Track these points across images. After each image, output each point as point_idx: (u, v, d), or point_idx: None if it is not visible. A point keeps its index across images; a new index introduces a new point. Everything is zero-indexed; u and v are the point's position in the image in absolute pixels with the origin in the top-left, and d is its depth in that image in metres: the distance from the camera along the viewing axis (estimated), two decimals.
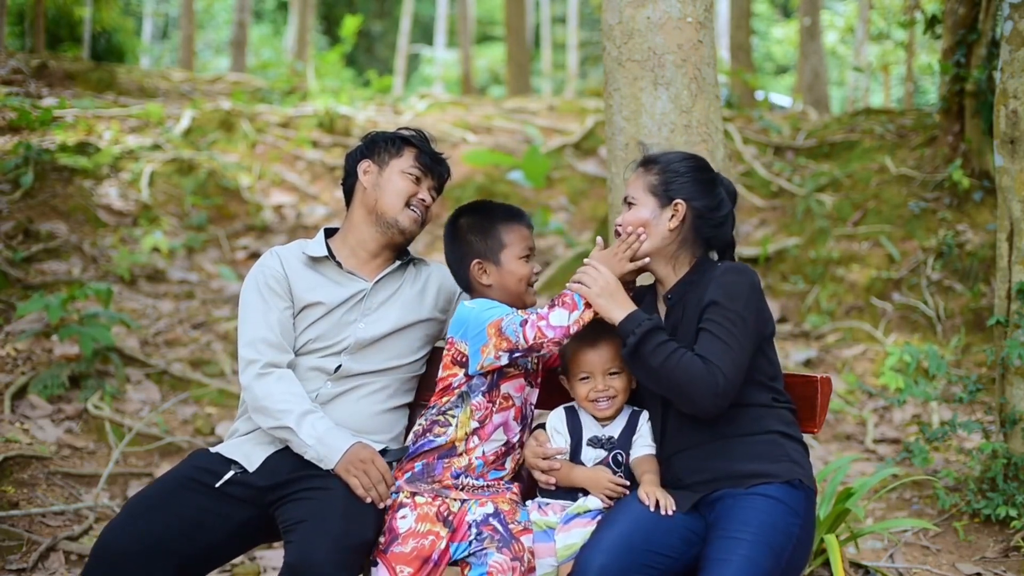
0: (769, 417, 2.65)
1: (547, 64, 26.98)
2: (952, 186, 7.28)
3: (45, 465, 4.57)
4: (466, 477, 2.71)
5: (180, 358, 6.09)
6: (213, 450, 2.84)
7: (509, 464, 2.79)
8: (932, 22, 7.42)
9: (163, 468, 4.83)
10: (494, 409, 2.71)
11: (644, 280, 2.92)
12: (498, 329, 2.63)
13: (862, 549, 4.08)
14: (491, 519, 2.65)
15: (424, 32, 28.84)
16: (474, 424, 2.70)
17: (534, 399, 2.82)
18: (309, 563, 2.48)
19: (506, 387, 2.72)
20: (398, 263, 2.99)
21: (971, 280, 6.64)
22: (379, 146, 2.99)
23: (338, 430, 2.74)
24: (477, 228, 2.81)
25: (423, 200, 2.95)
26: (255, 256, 7.85)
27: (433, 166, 2.99)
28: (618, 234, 2.79)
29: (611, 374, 2.71)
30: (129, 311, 6.56)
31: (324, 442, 2.69)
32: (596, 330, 2.71)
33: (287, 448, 2.77)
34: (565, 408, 2.80)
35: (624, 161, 3.62)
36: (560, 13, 29.11)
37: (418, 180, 2.95)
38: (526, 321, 2.61)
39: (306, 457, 2.71)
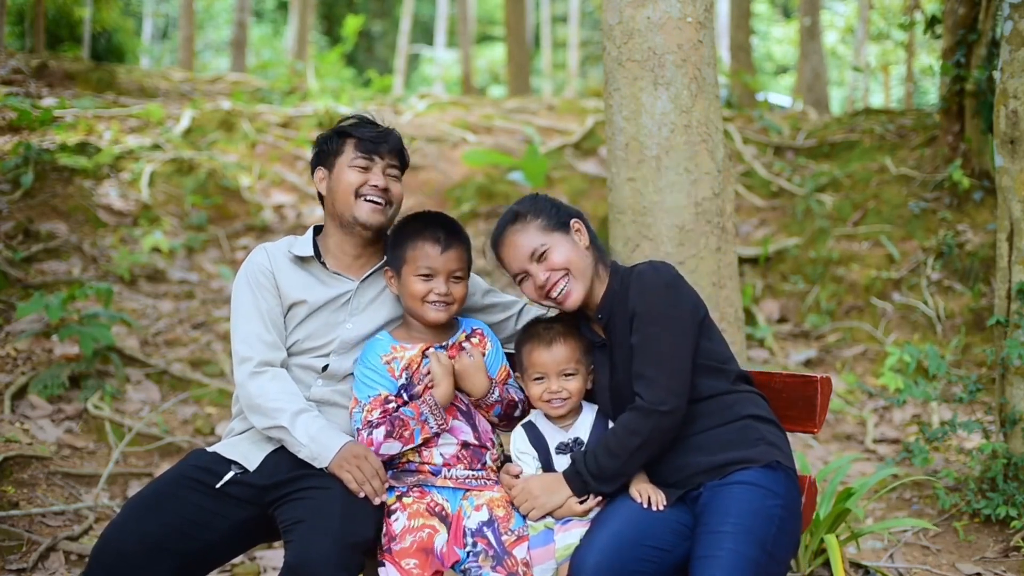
0: (738, 403, 2.66)
1: (547, 64, 26.97)
2: (952, 186, 7.27)
3: (45, 465, 4.57)
4: (444, 470, 2.73)
5: (180, 358, 6.09)
6: (210, 449, 2.84)
7: (489, 461, 2.79)
8: (932, 22, 7.42)
9: (163, 468, 4.82)
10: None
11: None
12: (352, 406, 2.77)
13: (862, 549, 4.08)
14: (485, 529, 2.64)
15: (424, 32, 28.83)
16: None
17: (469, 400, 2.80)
18: (308, 562, 2.47)
19: None
20: (384, 259, 2.95)
21: (971, 280, 6.63)
22: (324, 150, 2.94)
23: (332, 429, 2.73)
24: (394, 237, 2.85)
25: (375, 185, 2.86)
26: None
27: (377, 147, 2.88)
28: (545, 291, 2.73)
29: (566, 375, 2.71)
30: (129, 311, 6.56)
31: (318, 440, 2.69)
32: (551, 331, 2.73)
33: (284, 447, 2.78)
34: (523, 426, 2.78)
35: (624, 161, 3.62)
36: (560, 12, 29.11)
37: (365, 168, 2.87)
38: (360, 431, 2.71)
39: (300, 456, 2.71)
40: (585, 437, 2.71)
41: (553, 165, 9.87)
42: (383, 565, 2.62)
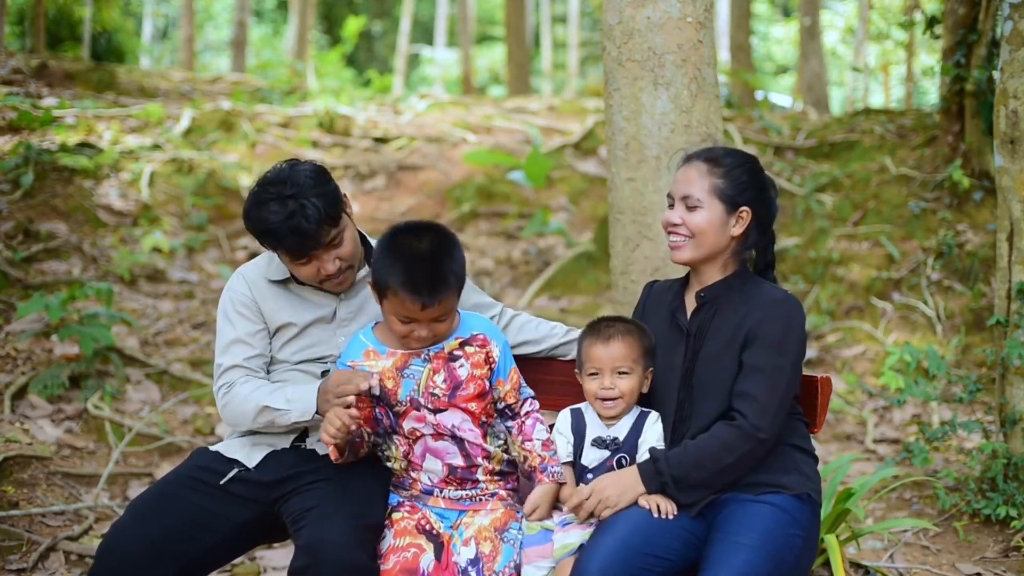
0: (785, 431, 2.66)
1: (547, 64, 26.97)
2: (952, 186, 7.27)
3: (45, 465, 4.57)
4: (436, 490, 2.70)
5: (180, 358, 6.09)
6: (212, 449, 2.84)
7: (482, 477, 2.72)
8: (932, 22, 7.42)
9: (163, 468, 4.83)
10: (411, 442, 2.68)
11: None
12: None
13: (862, 549, 4.08)
14: (471, 569, 2.58)
15: (424, 32, 28.82)
16: (403, 463, 2.71)
17: (453, 420, 2.66)
18: (324, 542, 2.47)
19: (407, 423, 2.66)
20: (365, 269, 2.87)
21: (971, 280, 6.63)
22: (260, 240, 2.75)
23: (304, 383, 2.73)
24: (379, 254, 2.60)
25: (329, 274, 2.73)
26: (255, 256, 7.83)
27: (306, 249, 2.67)
28: (668, 230, 2.72)
29: (620, 373, 2.66)
30: (129, 311, 6.56)
31: (298, 398, 2.68)
32: (611, 328, 2.70)
33: (285, 448, 2.78)
34: (571, 409, 2.77)
35: (624, 161, 3.63)
36: (560, 12, 29.11)
37: (308, 262, 2.72)
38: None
39: (291, 421, 2.68)
40: (623, 438, 2.69)
41: (553, 165, 9.88)
42: None
